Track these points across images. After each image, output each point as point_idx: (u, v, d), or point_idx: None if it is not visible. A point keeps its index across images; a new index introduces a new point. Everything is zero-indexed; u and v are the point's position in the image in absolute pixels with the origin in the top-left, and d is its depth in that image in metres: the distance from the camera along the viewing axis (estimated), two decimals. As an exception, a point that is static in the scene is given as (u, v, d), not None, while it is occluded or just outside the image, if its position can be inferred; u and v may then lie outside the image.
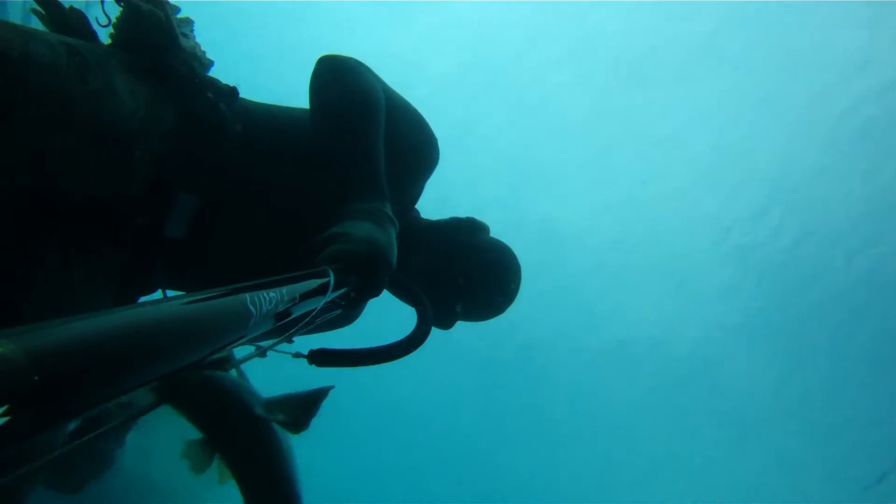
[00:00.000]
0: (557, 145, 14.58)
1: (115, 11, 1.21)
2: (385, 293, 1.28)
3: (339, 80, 1.28)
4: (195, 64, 1.22)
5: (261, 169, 1.26)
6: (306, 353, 1.29)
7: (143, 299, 1.29)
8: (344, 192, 1.16)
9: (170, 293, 1.26)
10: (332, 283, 0.87)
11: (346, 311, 1.03)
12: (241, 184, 1.24)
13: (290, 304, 0.68)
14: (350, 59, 1.34)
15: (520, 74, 14.16)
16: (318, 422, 1.35)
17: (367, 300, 1.06)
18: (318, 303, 0.83)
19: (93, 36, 1.18)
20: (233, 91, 1.26)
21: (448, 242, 1.51)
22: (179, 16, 1.25)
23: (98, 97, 1.06)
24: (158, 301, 0.47)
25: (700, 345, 14.91)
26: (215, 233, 1.24)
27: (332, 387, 1.30)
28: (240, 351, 1.44)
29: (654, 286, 14.74)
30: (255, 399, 1.36)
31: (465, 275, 1.48)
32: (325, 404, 1.33)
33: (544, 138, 14.61)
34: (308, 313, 0.79)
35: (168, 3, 1.21)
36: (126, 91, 1.11)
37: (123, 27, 1.19)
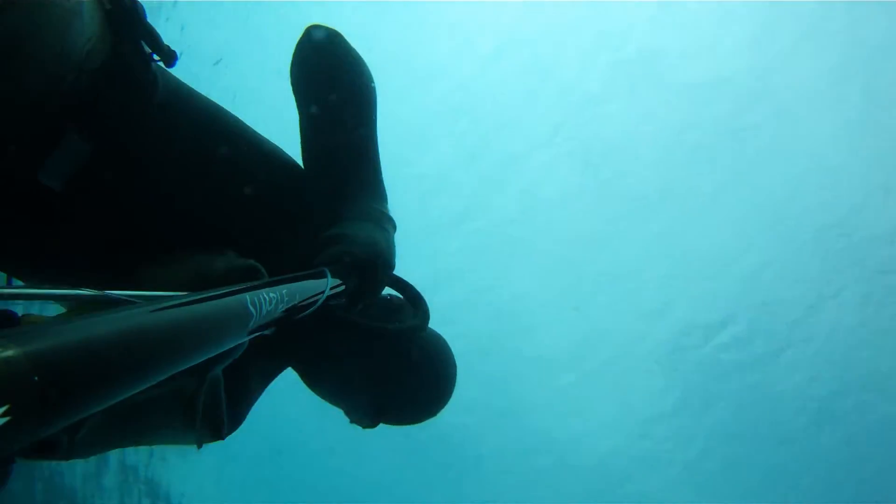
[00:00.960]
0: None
1: None
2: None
3: (336, 66, 1.20)
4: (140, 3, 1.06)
5: (169, 146, 1.12)
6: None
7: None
8: (342, 190, 1.14)
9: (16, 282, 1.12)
10: (329, 284, 0.86)
11: (348, 311, 1.03)
12: (141, 152, 1.10)
13: (289, 305, 0.68)
14: (341, 38, 1.24)
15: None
16: None
17: (368, 302, 1.06)
18: (318, 303, 0.83)
19: None
20: (172, 53, 1.11)
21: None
22: None
23: (71, 16, 0.92)
24: (159, 302, 0.47)
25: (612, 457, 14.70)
26: (91, 197, 1.07)
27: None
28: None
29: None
30: None
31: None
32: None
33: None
34: (302, 311, 0.78)
35: None
36: (89, 14, 0.96)
37: None
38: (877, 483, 13.21)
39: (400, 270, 1.19)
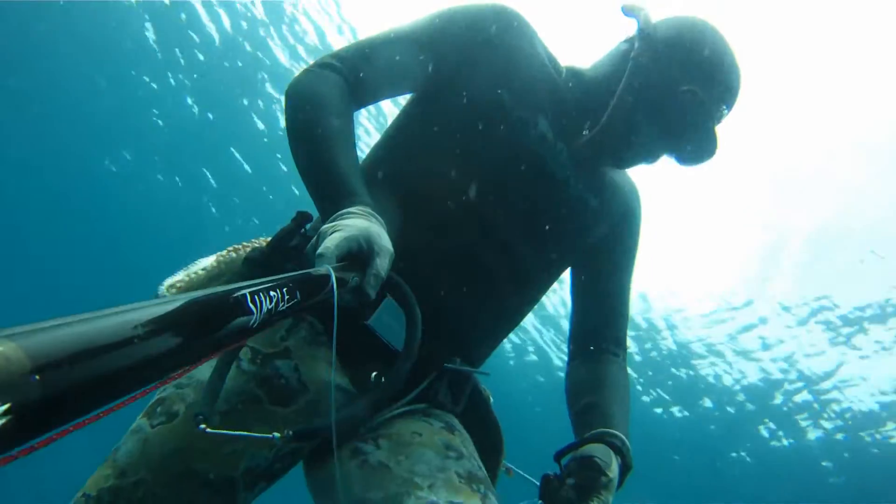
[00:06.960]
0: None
1: None
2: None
3: (292, 119, 1.28)
4: None
5: None
6: None
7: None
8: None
9: None
10: (333, 278, 0.86)
11: (355, 304, 1.01)
12: None
13: (291, 303, 0.68)
14: (302, 82, 1.31)
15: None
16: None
17: (374, 290, 1.04)
18: (321, 300, 0.83)
19: None
20: None
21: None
22: None
23: None
24: (159, 300, 0.47)
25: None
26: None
27: None
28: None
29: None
30: None
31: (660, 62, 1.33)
32: None
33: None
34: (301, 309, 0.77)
35: None
36: None
37: None
38: None
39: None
